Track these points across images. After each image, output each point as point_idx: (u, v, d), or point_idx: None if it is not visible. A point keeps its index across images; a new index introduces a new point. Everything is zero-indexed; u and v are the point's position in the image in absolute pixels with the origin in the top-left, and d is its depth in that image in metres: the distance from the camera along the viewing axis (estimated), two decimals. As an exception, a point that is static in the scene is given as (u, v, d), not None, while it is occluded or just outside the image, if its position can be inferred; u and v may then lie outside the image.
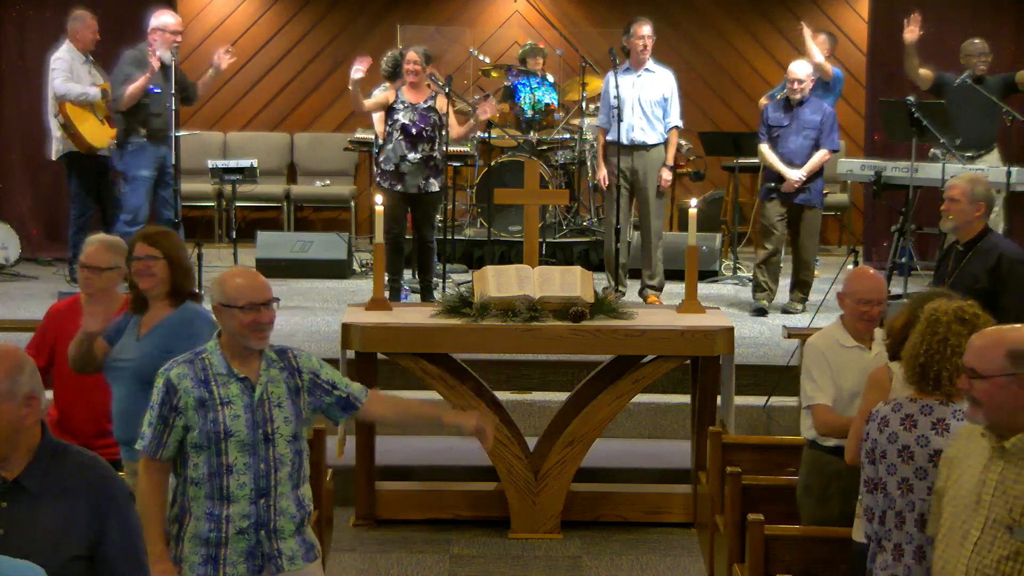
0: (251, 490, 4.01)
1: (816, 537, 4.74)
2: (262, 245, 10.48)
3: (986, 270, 5.96)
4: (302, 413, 4.12)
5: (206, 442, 4.00)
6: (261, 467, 4.02)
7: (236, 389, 4.04)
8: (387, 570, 6.04)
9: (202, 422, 4.01)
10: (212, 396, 4.03)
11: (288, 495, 4.07)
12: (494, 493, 6.58)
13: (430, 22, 12.53)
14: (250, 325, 4.04)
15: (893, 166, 9.13)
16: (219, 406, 4.02)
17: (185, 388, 4.03)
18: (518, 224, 9.89)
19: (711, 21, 12.69)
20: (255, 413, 4.04)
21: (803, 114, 9.03)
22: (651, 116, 9.09)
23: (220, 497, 4.00)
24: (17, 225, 10.84)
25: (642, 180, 9.10)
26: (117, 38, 10.11)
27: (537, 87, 11.03)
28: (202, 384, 4.04)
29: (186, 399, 4.02)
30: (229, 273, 4.17)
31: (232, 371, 4.06)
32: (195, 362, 4.08)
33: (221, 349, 4.09)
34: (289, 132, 12.76)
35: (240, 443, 4.00)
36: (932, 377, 3.91)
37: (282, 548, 4.06)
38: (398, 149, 8.86)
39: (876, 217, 11.59)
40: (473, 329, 6.34)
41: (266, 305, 4.08)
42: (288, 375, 4.12)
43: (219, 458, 4.00)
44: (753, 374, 7.62)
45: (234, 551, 4.01)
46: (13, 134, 11.43)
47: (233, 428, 4.00)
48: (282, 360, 4.14)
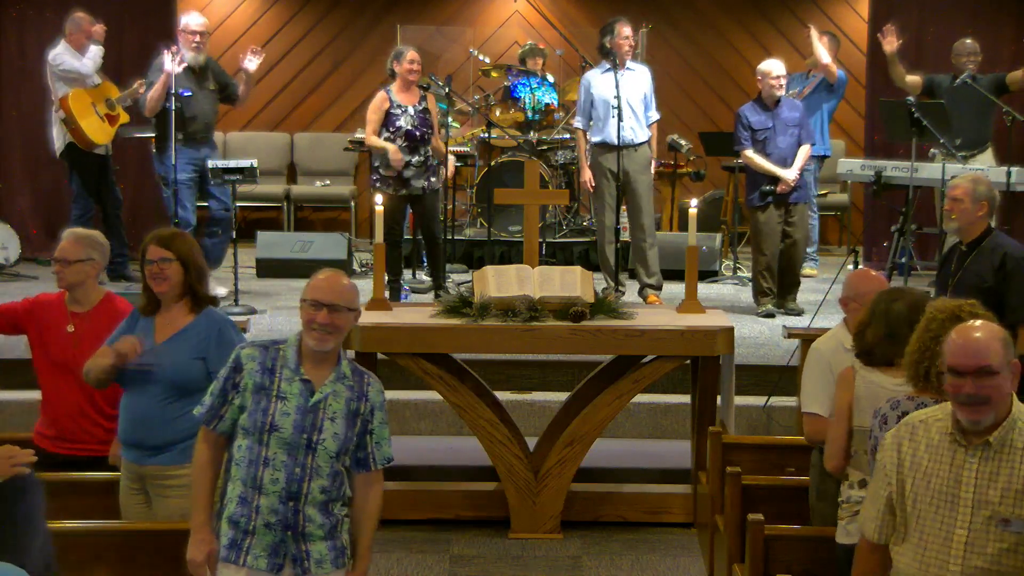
0: (282, 489, 4.00)
1: (816, 537, 4.74)
2: (262, 245, 10.48)
3: (991, 269, 5.97)
4: (352, 438, 4.10)
5: (252, 428, 4.02)
6: (296, 471, 4.01)
7: (296, 388, 4.05)
8: (387, 570, 6.03)
9: (254, 407, 4.03)
10: (271, 386, 4.04)
11: (318, 506, 4.04)
12: (494, 493, 6.58)
13: (430, 22, 12.54)
14: (308, 321, 4.06)
15: (893, 166, 9.13)
16: (274, 398, 4.03)
17: (250, 370, 4.06)
18: (518, 224, 9.89)
19: (711, 21, 12.70)
20: (306, 417, 4.03)
21: (783, 113, 9.00)
22: (638, 115, 9.09)
23: (254, 486, 4.01)
24: (17, 225, 10.85)
25: (633, 179, 9.09)
26: (117, 38, 10.12)
27: (537, 87, 11.04)
28: (267, 372, 4.05)
29: (247, 380, 4.05)
30: (321, 272, 4.19)
31: (299, 369, 4.07)
32: (270, 349, 4.11)
33: (299, 346, 4.10)
34: (289, 132, 12.77)
35: (282, 440, 4.01)
36: (923, 375, 3.94)
37: (311, 551, 4.05)
38: (401, 154, 8.86)
39: (876, 217, 11.59)
40: (473, 329, 6.34)
41: (330, 308, 4.05)
42: (353, 397, 4.11)
43: (260, 448, 4.01)
44: (753, 374, 7.62)
45: (259, 543, 4.01)
46: (13, 134, 11.44)
47: (280, 424, 4.01)
48: (355, 380, 4.13)
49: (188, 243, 4.83)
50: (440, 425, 7.48)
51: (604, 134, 9.06)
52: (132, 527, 4.56)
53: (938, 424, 3.55)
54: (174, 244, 4.77)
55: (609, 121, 8.99)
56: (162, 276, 4.73)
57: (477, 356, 7.09)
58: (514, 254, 10.29)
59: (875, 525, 3.62)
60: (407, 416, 7.50)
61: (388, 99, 8.96)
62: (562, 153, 10.91)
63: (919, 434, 3.56)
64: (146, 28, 11.31)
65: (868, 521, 3.65)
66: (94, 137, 9.44)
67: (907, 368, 4.01)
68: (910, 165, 8.69)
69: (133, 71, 10.69)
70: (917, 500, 3.53)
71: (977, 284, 5.94)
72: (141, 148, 10.60)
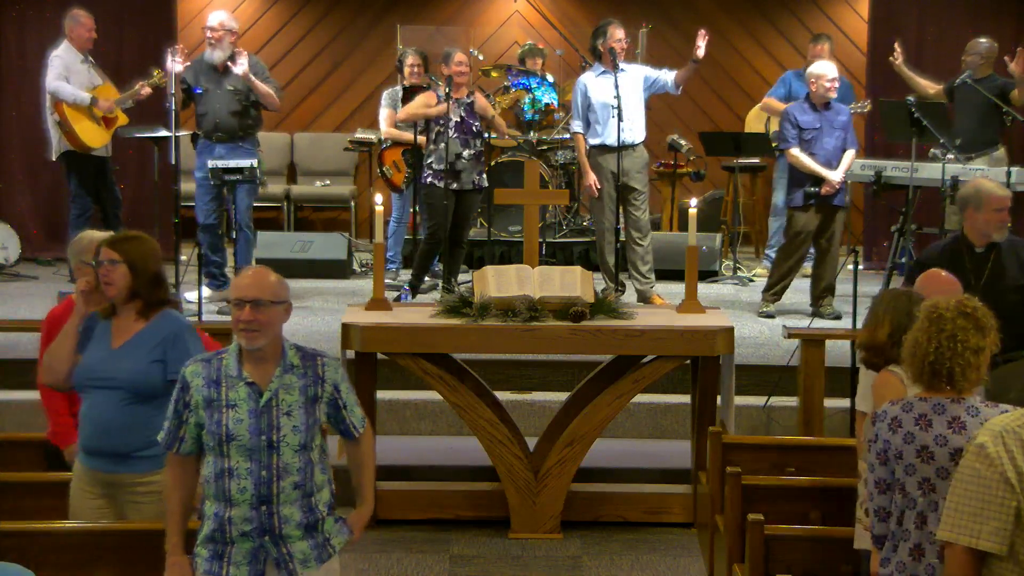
0: (252, 495, 3.98)
1: (816, 537, 4.74)
2: (262, 245, 10.47)
3: (1018, 267, 5.99)
4: (317, 422, 4.08)
5: (212, 443, 4.01)
6: (263, 474, 3.99)
7: (244, 393, 4.02)
8: (387, 570, 6.03)
9: (208, 422, 4.01)
10: (219, 397, 4.02)
11: (294, 503, 4.03)
12: (494, 493, 6.58)
13: (430, 22, 12.54)
14: (235, 321, 4.03)
15: (893, 166, 9.12)
16: (224, 408, 4.00)
17: (196, 386, 4.04)
18: (518, 224, 9.89)
19: (711, 21, 12.66)
20: (260, 419, 4.00)
21: (832, 115, 8.97)
22: (634, 115, 9.07)
23: (223, 499, 4.00)
24: (17, 225, 10.85)
25: (632, 180, 9.09)
26: (117, 38, 10.12)
27: (537, 87, 11.03)
28: (213, 384, 4.03)
29: (196, 397, 4.03)
30: (247, 268, 4.18)
31: (242, 374, 4.03)
32: (212, 361, 4.08)
33: (239, 351, 4.06)
34: (289, 132, 12.77)
35: (242, 447, 3.98)
36: (945, 374, 3.86)
37: (293, 551, 4.04)
38: (452, 147, 8.86)
39: (876, 217, 11.59)
40: (473, 329, 6.34)
41: (253, 304, 4.00)
42: (308, 383, 4.08)
43: (222, 460, 4.00)
44: (753, 374, 7.62)
45: (239, 551, 4.01)
46: (13, 134, 11.44)
47: (236, 432, 3.99)
48: (305, 366, 4.10)
49: (141, 246, 4.69)
50: (440, 425, 7.48)
51: (603, 136, 9.06)
52: (132, 527, 4.56)
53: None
54: (124, 247, 4.65)
55: (608, 123, 8.97)
56: (108, 280, 4.63)
57: (477, 356, 7.09)
58: (514, 254, 10.29)
59: (1000, 537, 3.48)
60: (407, 416, 7.50)
61: (436, 95, 8.99)
62: (562, 153, 10.91)
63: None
64: (146, 28, 11.31)
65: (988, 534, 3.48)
66: (88, 141, 9.42)
67: (915, 368, 3.96)
68: (910, 165, 8.69)
69: (133, 71, 10.69)
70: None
71: (1013, 284, 5.96)
72: (141, 148, 10.59)
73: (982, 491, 3.51)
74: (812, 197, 8.86)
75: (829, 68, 8.99)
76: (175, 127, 8.86)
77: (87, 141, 9.42)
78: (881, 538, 3.98)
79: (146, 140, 9.94)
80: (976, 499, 3.52)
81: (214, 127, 9.00)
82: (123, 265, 4.62)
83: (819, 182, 8.84)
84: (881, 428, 3.96)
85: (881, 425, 3.97)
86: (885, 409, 4.00)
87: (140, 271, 4.64)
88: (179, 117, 8.93)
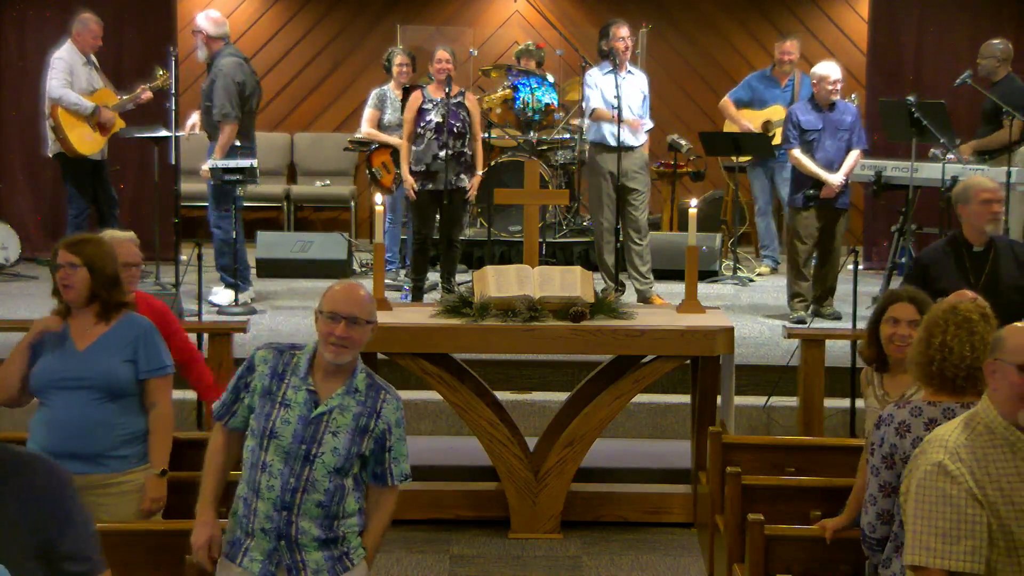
0: (276, 497, 3.96)
1: (816, 537, 4.73)
2: (262, 245, 10.49)
3: (1017, 266, 5.99)
4: (361, 453, 4.04)
5: (256, 431, 4.01)
6: (291, 481, 3.96)
7: (302, 397, 4.01)
8: (387, 570, 6.03)
9: (259, 411, 4.01)
10: (278, 392, 4.01)
11: (314, 519, 3.98)
12: (494, 493, 6.58)
13: (430, 22, 12.54)
14: (327, 334, 4.00)
15: (893, 166, 9.13)
16: (278, 404, 4.00)
17: (261, 372, 4.04)
18: (518, 224, 9.89)
19: (711, 21, 12.70)
20: (307, 428, 3.98)
21: (836, 116, 8.88)
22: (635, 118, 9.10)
23: (253, 489, 4.00)
24: (17, 225, 10.85)
25: (631, 180, 9.10)
26: (117, 39, 10.11)
27: (537, 87, 11.04)
28: (276, 377, 4.03)
29: (257, 382, 4.04)
30: (337, 283, 4.14)
31: (307, 379, 4.02)
32: (284, 353, 4.08)
33: (313, 355, 4.06)
34: (289, 132, 12.77)
35: (280, 448, 3.97)
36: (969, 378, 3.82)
37: (307, 560, 4.00)
38: (430, 148, 8.87)
39: (876, 217, 11.59)
40: (473, 329, 6.34)
41: (349, 321, 3.99)
42: (364, 412, 4.05)
43: (260, 452, 4.00)
44: (753, 374, 7.62)
45: (256, 547, 3.99)
46: (13, 134, 11.45)
47: (280, 431, 3.97)
48: (368, 395, 4.08)
49: (99, 249, 4.71)
50: (440, 425, 7.48)
51: (601, 135, 9.07)
52: (132, 527, 4.56)
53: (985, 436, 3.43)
54: (82, 249, 4.66)
55: (611, 122, 8.98)
56: (67, 282, 4.64)
57: (477, 356, 7.09)
58: (514, 254, 10.30)
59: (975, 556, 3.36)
60: (407, 416, 7.47)
61: (422, 95, 9.00)
62: (562, 153, 10.91)
63: (978, 453, 3.42)
64: (146, 28, 11.31)
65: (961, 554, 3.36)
66: (80, 148, 9.38)
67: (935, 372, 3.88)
68: (910, 165, 8.69)
69: (133, 71, 10.71)
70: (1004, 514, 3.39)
71: (1011, 284, 5.96)
72: (141, 148, 10.59)
73: (950, 511, 3.39)
74: (812, 199, 8.80)
75: (833, 69, 8.91)
76: (175, 127, 8.85)
77: (80, 148, 9.38)
78: (883, 541, 3.97)
79: (146, 140, 9.95)
80: (945, 519, 3.39)
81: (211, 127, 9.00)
82: (83, 268, 4.64)
83: (819, 184, 8.80)
84: (888, 432, 3.92)
85: (888, 429, 3.92)
86: (891, 413, 3.95)
87: (99, 273, 4.66)
88: (179, 117, 8.93)
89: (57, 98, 9.30)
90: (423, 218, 9.02)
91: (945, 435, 3.49)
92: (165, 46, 9.67)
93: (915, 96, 9.12)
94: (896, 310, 4.68)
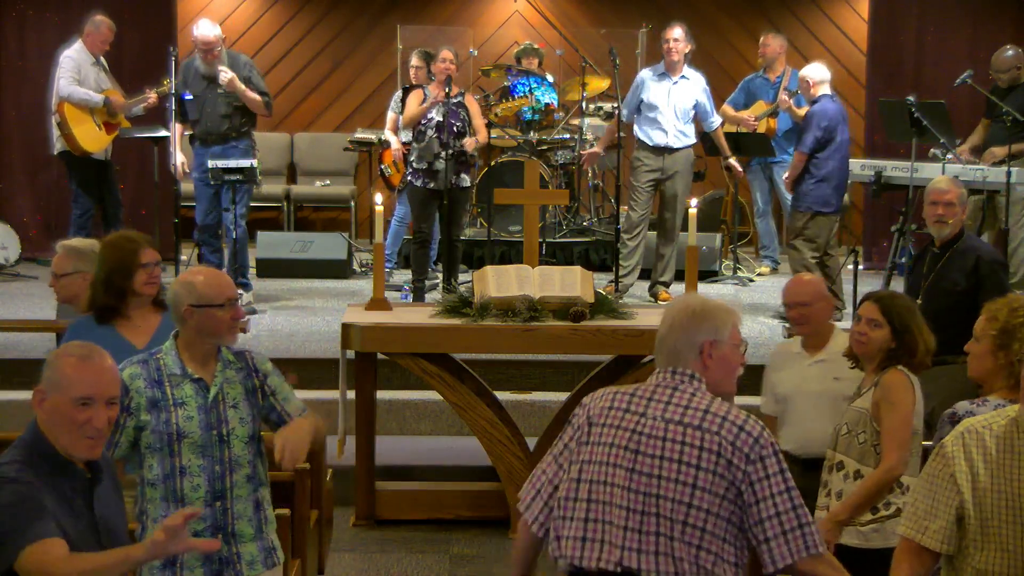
0: (206, 492, 3.98)
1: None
2: (262, 245, 10.49)
3: (964, 273, 5.94)
4: (259, 412, 4.11)
5: (159, 443, 3.98)
6: (216, 469, 4.00)
7: (190, 390, 4.02)
8: (387, 570, 6.04)
9: (155, 423, 3.99)
10: (165, 397, 4.00)
11: (246, 498, 4.04)
12: (494, 493, 6.58)
13: (430, 22, 12.54)
14: (230, 322, 4.05)
15: (893, 166, 9.12)
16: (172, 407, 3.99)
17: (137, 388, 4.00)
18: (518, 224, 9.89)
19: (711, 21, 12.70)
20: (209, 414, 4.01)
21: None
22: (683, 122, 9.33)
23: (174, 499, 3.98)
24: (17, 225, 10.85)
25: (670, 182, 9.33)
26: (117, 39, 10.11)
27: (537, 87, 11.04)
28: (155, 384, 4.01)
29: (138, 399, 4.00)
30: (193, 274, 4.12)
31: (187, 372, 4.03)
32: (149, 362, 4.05)
33: (177, 350, 4.06)
34: (289, 132, 12.77)
35: (193, 444, 3.98)
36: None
37: (241, 552, 4.03)
38: (431, 147, 8.88)
39: (876, 217, 11.59)
40: (473, 329, 6.33)
41: (236, 301, 4.11)
42: (245, 375, 4.10)
43: (172, 459, 3.98)
44: (753, 374, 7.59)
45: (191, 555, 3.94)
46: (13, 134, 11.45)
47: (186, 429, 3.98)
48: (240, 361, 4.13)
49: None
50: (440, 425, 7.48)
51: (644, 134, 9.35)
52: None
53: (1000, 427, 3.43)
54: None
55: (652, 123, 9.30)
56: (157, 280, 4.77)
57: (477, 356, 7.09)
58: (514, 254, 10.29)
59: (942, 536, 3.42)
60: (407, 416, 7.50)
61: (423, 93, 9.02)
62: (562, 153, 10.91)
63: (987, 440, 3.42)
64: (146, 28, 11.32)
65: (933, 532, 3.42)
66: (86, 145, 9.39)
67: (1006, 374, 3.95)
68: (910, 165, 8.69)
69: (133, 71, 10.72)
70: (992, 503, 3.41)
71: (951, 287, 5.94)
72: (142, 148, 10.59)
73: (933, 489, 3.45)
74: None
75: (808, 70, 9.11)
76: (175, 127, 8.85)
77: (84, 145, 9.39)
78: None
79: (146, 140, 9.95)
80: (928, 497, 3.46)
81: (206, 131, 8.98)
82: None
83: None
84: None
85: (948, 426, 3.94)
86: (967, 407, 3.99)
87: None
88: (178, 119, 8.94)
89: (66, 95, 9.32)
90: (424, 215, 9.05)
91: (969, 420, 3.52)
92: (165, 46, 9.67)
93: (915, 96, 9.12)
94: (861, 308, 4.73)
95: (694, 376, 3.47)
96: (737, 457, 3.33)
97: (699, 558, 3.28)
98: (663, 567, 3.28)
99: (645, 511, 3.31)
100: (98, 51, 9.58)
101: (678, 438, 3.35)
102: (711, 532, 3.29)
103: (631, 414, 3.42)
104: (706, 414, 3.39)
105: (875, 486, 4.46)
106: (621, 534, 3.31)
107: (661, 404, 3.42)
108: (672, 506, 3.29)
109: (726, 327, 3.50)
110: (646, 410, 3.42)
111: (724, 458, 3.33)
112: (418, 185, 8.94)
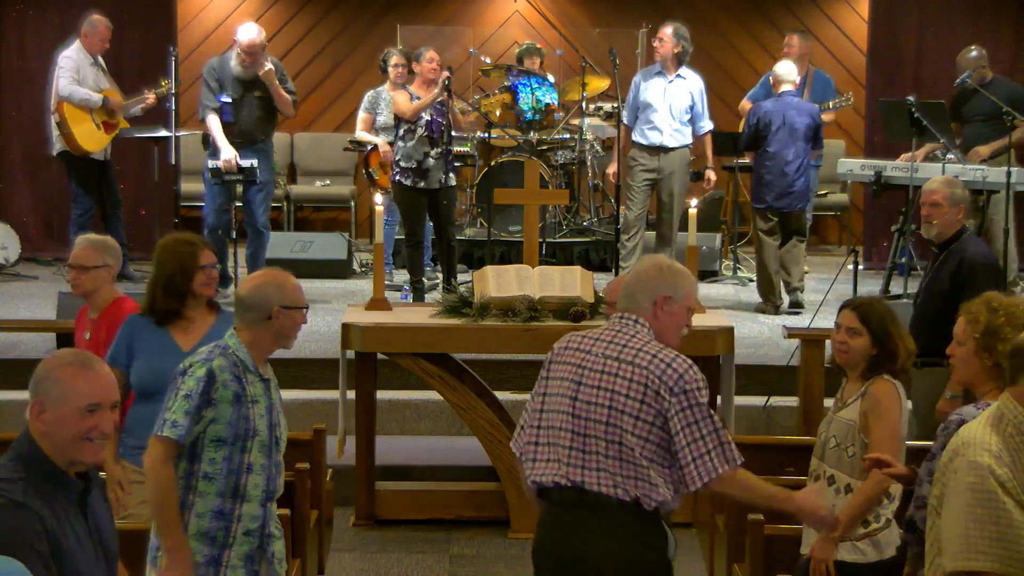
0: (262, 491, 4.01)
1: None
2: (262, 245, 10.48)
3: (950, 274, 5.91)
4: None
5: (231, 438, 3.97)
6: (272, 470, 4.04)
7: (260, 389, 4.05)
8: (387, 570, 6.04)
9: (234, 417, 3.98)
10: (244, 392, 4.01)
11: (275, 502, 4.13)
12: (494, 493, 6.58)
13: (430, 22, 12.54)
14: (296, 327, 4.13)
15: (893, 166, 9.13)
16: (249, 403, 4.01)
17: (224, 381, 3.99)
18: (518, 224, 9.89)
19: (711, 21, 12.69)
20: (272, 416, 4.06)
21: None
22: (677, 120, 9.30)
23: (234, 495, 3.98)
24: (17, 225, 10.84)
25: (666, 181, 9.30)
26: (117, 39, 10.11)
27: (537, 87, 11.03)
28: (237, 379, 4.02)
29: (224, 392, 3.98)
30: (278, 276, 4.14)
31: (258, 371, 4.06)
32: (228, 356, 4.03)
33: (245, 347, 4.06)
34: (289, 132, 12.76)
35: (261, 444, 4.01)
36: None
37: (274, 551, 4.09)
38: (420, 146, 8.88)
39: (876, 217, 11.59)
40: (473, 329, 6.34)
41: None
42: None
43: (241, 456, 3.99)
44: (753, 374, 7.62)
45: (237, 554, 3.99)
46: (13, 134, 11.44)
47: (259, 427, 4.01)
48: None
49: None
50: (440, 425, 7.48)
51: (640, 133, 9.34)
52: (132, 527, 4.56)
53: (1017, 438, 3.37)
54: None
55: (648, 122, 9.27)
56: (213, 281, 4.81)
57: (477, 356, 7.09)
58: (514, 254, 10.29)
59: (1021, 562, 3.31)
60: (407, 416, 7.50)
61: (409, 95, 9.01)
62: (562, 153, 10.91)
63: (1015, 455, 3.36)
64: (146, 28, 11.31)
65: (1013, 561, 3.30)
66: (85, 145, 9.39)
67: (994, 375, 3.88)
68: (910, 165, 8.69)
69: (133, 72, 10.72)
70: None
71: (938, 288, 5.90)
72: (142, 148, 10.59)
73: (1003, 515, 3.32)
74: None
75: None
76: (175, 127, 8.85)
77: (84, 145, 9.39)
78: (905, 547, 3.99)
79: (146, 140, 9.95)
80: (998, 524, 3.32)
81: (241, 134, 8.89)
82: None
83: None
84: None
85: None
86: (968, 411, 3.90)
87: None
88: (179, 117, 8.93)
89: (67, 96, 9.32)
90: (415, 216, 9.02)
91: (983, 437, 3.41)
92: (165, 46, 9.67)
93: (915, 96, 9.13)
94: (840, 317, 4.63)
95: (638, 321, 3.93)
96: (664, 389, 3.78)
97: (635, 473, 3.78)
98: (603, 481, 3.80)
99: (586, 434, 3.84)
100: (96, 51, 9.58)
101: (613, 371, 3.84)
102: (641, 452, 3.78)
103: (580, 352, 3.92)
104: (639, 352, 3.85)
105: (867, 500, 4.39)
106: (567, 453, 3.87)
107: (604, 343, 3.91)
108: (607, 429, 3.80)
109: (683, 288, 3.95)
110: (591, 348, 3.92)
111: (652, 389, 3.79)
112: (407, 185, 8.92)
